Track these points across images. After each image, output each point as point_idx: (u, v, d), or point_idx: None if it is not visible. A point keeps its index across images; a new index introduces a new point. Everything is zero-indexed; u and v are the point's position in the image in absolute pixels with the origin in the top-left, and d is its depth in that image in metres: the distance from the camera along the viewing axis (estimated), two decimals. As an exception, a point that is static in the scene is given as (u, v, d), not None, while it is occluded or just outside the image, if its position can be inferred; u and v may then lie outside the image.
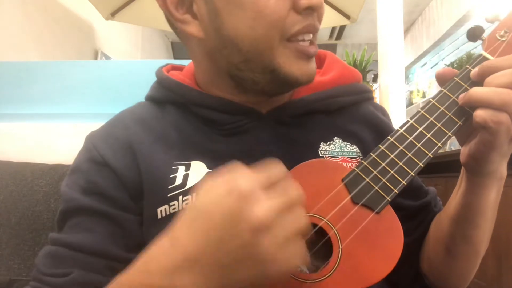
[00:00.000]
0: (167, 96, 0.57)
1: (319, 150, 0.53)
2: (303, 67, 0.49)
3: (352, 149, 0.54)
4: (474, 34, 0.48)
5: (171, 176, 0.49)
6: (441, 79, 0.47)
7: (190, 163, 0.50)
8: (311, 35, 0.49)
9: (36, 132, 0.93)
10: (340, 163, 0.52)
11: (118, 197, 0.49)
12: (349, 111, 0.58)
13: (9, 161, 0.83)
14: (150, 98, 0.59)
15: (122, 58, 3.82)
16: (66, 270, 0.45)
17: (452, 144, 2.89)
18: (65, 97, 1.11)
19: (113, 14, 2.53)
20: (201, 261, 0.31)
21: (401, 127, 0.45)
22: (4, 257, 0.73)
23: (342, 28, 5.28)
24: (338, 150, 0.53)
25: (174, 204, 0.48)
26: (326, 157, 0.52)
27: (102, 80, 1.12)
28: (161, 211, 0.48)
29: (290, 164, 0.45)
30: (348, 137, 0.55)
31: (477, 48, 3.39)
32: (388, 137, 0.45)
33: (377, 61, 2.06)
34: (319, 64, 0.62)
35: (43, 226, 0.74)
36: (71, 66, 1.16)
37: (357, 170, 0.43)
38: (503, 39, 0.47)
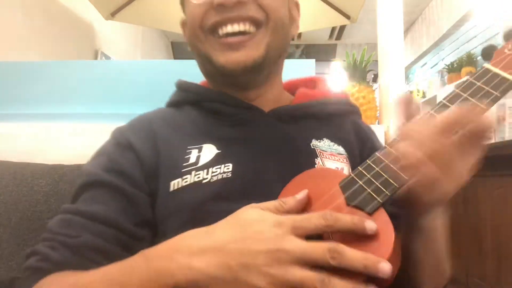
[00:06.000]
0: (184, 97, 0.67)
1: (311, 144, 0.60)
2: (228, 56, 0.57)
3: (339, 148, 0.62)
4: (489, 54, 0.49)
5: (185, 157, 0.56)
6: (402, 106, 0.47)
7: (202, 146, 0.57)
8: (234, 25, 0.56)
9: (36, 132, 0.93)
10: (339, 171, 0.57)
11: (135, 176, 0.55)
12: (338, 120, 0.67)
13: (9, 161, 0.83)
14: (170, 104, 0.69)
15: (122, 58, 3.82)
16: (78, 233, 0.49)
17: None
18: (65, 97, 1.11)
19: (113, 14, 2.52)
20: (225, 251, 0.36)
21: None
22: (4, 257, 0.73)
23: (342, 28, 5.27)
24: (327, 147, 0.61)
25: (186, 178, 0.54)
26: (317, 149, 0.59)
27: (102, 80, 1.12)
28: (173, 184, 0.53)
29: (285, 152, 0.58)
30: (335, 139, 0.63)
31: (477, 48, 3.39)
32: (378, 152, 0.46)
33: (377, 61, 2.05)
34: (313, 87, 0.73)
35: (43, 226, 0.74)
36: (71, 66, 1.16)
37: (353, 175, 0.46)
38: (511, 52, 0.48)
